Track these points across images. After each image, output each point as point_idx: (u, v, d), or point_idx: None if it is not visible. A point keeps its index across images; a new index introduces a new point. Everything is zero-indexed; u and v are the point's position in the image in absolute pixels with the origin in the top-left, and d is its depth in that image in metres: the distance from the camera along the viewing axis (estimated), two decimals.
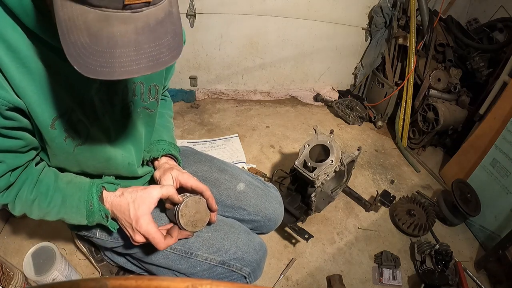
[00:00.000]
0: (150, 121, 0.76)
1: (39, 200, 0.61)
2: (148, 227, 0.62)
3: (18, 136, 0.54)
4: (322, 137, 1.28)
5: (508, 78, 1.63)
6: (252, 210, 0.88)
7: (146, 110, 0.72)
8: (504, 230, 1.41)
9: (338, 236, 1.51)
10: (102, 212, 0.64)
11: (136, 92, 0.67)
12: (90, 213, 0.63)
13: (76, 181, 0.65)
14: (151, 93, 0.70)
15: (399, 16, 2.15)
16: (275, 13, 2.14)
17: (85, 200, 0.63)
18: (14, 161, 0.57)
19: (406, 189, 1.83)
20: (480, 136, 1.68)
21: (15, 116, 0.51)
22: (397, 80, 2.20)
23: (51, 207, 0.62)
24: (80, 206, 0.63)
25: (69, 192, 0.63)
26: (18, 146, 0.55)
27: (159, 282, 0.20)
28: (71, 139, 0.59)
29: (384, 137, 2.25)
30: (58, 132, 0.56)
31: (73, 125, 0.57)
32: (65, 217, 0.65)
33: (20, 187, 0.60)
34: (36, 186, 0.61)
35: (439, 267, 1.31)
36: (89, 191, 0.63)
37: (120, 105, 0.65)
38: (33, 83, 0.50)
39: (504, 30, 2.02)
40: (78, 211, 0.63)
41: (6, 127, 0.51)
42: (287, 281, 1.31)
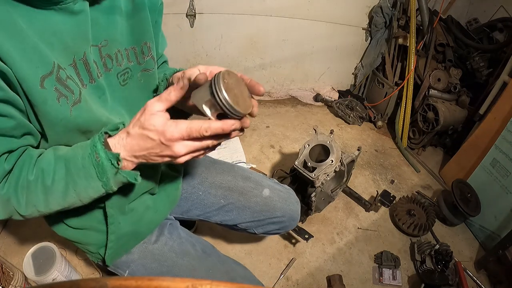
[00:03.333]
0: (151, 82, 0.70)
1: (42, 178, 0.52)
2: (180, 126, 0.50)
3: (6, 113, 0.48)
4: (322, 137, 1.28)
5: (508, 78, 1.63)
6: (280, 213, 0.95)
7: (145, 72, 0.67)
8: (504, 230, 1.41)
9: (338, 236, 1.51)
10: (113, 159, 0.51)
11: (130, 57, 0.64)
12: (99, 168, 0.52)
13: (77, 144, 0.56)
14: (144, 52, 0.66)
15: (399, 16, 2.15)
16: (275, 13, 2.14)
17: (88, 154, 0.52)
18: (5, 144, 0.50)
19: (406, 189, 1.83)
20: (480, 136, 1.68)
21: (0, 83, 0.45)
22: (397, 80, 2.20)
23: (56, 181, 0.52)
24: (86, 164, 0.52)
25: (71, 155, 0.53)
26: (8, 126, 0.49)
27: (159, 282, 0.20)
28: (65, 98, 0.51)
29: (384, 137, 2.25)
30: (49, 92, 0.49)
31: (63, 83, 0.51)
32: (76, 191, 0.54)
33: (20, 174, 0.52)
34: (36, 165, 0.53)
35: (439, 267, 1.31)
36: (92, 143, 0.52)
37: (116, 70, 0.61)
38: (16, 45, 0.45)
39: (504, 30, 2.02)
40: (86, 172, 0.52)
41: None
42: (287, 281, 1.31)
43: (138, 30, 0.63)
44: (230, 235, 1.44)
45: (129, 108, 0.66)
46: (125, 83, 0.64)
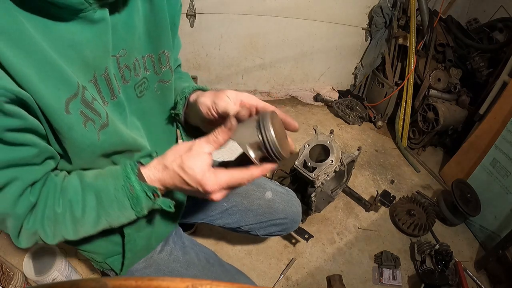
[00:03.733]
0: (168, 95, 0.66)
1: (71, 210, 0.49)
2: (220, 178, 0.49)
3: (28, 142, 0.43)
4: (322, 137, 1.28)
5: (508, 78, 1.63)
6: (282, 215, 0.96)
7: (162, 84, 0.63)
8: (504, 230, 1.41)
9: (338, 236, 1.51)
10: (149, 192, 0.50)
11: (147, 66, 0.59)
12: (134, 200, 0.50)
13: (105, 172, 0.53)
14: (162, 62, 0.61)
15: (399, 16, 2.15)
16: (275, 13, 2.14)
17: (122, 186, 0.50)
18: (30, 175, 0.46)
19: (406, 189, 1.83)
20: (480, 136, 1.67)
21: (19, 112, 0.41)
22: (397, 80, 2.20)
23: (87, 213, 0.50)
24: (119, 196, 0.50)
25: (101, 185, 0.50)
26: (30, 155, 0.45)
27: (159, 282, 0.20)
28: (91, 122, 0.48)
29: (384, 137, 2.25)
30: (74, 117, 0.45)
31: (89, 105, 0.47)
32: (108, 220, 0.52)
33: (45, 205, 0.49)
34: (62, 195, 0.50)
35: (439, 267, 1.31)
36: (124, 173, 0.50)
37: (134, 81, 0.57)
38: (34, 65, 0.40)
39: (504, 30, 2.02)
40: (119, 204, 0.50)
41: (10, 129, 0.40)
42: (287, 281, 1.31)
43: (156, 37, 0.58)
44: (230, 235, 1.44)
45: (145, 122, 0.63)
46: (141, 95, 0.60)
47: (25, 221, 0.48)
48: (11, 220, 0.47)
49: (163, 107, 0.67)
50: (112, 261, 0.73)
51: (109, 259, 0.73)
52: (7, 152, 0.42)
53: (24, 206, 0.46)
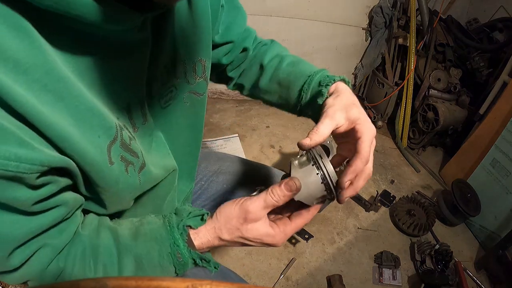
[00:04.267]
0: (199, 110, 0.58)
1: (105, 273, 0.42)
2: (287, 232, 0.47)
3: (58, 203, 0.36)
4: None
5: (508, 78, 1.63)
6: None
7: (193, 95, 0.55)
8: (504, 230, 1.41)
9: (338, 236, 1.51)
10: (198, 259, 0.45)
11: (178, 73, 0.50)
12: (180, 266, 0.45)
13: (145, 230, 0.45)
14: (196, 71, 0.53)
15: (399, 16, 2.15)
16: (275, 13, 2.14)
17: (168, 253, 0.43)
18: (61, 239, 0.39)
19: (406, 189, 1.83)
20: (480, 136, 1.67)
21: (50, 179, 0.33)
22: (397, 80, 2.20)
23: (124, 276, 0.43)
24: (164, 263, 0.44)
25: (143, 250, 0.43)
26: (61, 215, 0.37)
27: (159, 282, 0.19)
28: (132, 166, 0.42)
29: (384, 137, 2.25)
30: (117, 166, 0.39)
31: (128, 147, 0.40)
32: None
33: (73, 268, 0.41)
34: (94, 257, 0.42)
35: (439, 267, 1.31)
36: (171, 239, 0.43)
37: (159, 93, 0.48)
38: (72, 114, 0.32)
39: (504, 30, 2.02)
40: (163, 269, 0.44)
41: (41, 200, 0.33)
42: (287, 281, 1.31)
43: (193, 42, 0.50)
44: None
45: (169, 135, 0.55)
46: (166, 105, 0.50)
47: None
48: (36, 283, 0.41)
49: (190, 121, 0.58)
50: None
51: None
52: (35, 221, 0.35)
53: (53, 273, 0.40)
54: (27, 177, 0.29)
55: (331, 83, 0.53)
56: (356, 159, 0.46)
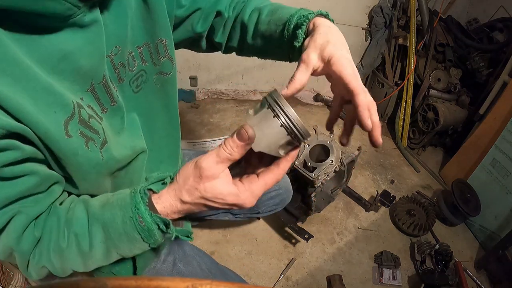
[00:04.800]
0: (169, 89, 0.60)
1: (78, 244, 0.45)
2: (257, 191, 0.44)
3: (27, 171, 0.39)
4: (322, 137, 1.28)
5: (508, 78, 1.63)
6: (276, 186, 1.01)
7: (161, 76, 0.57)
8: (504, 230, 1.41)
9: (338, 236, 1.51)
10: (161, 224, 0.44)
11: (145, 57, 0.53)
12: (145, 233, 0.44)
13: (113, 200, 0.46)
14: (160, 51, 0.55)
15: (399, 16, 2.15)
16: None
17: (130, 218, 0.43)
18: (35, 208, 0.43)
19: (406, 189, 1.83)
20: (480, 136, 1.67)
21: (14, 144, 0.37)
22: (397, 80, 2.20)
23: (95, 247, 0.45)
24: (128, 229, 0.44)
25: (108, 217, 0.45)
26: (32, 184, 0.41)
27: (159, 282, 0.19)
28: (93, 142, 0.44)
29: (384, 137, 2.25)
30: (76, 140, 0.42)
31: (87, 124, 0.43)
32: (120, 252, 0.47)
33: (50, 239, 0.44)
34: (67, 228, 0.45)
35: (439, 267, 1.31)
36: (132, 203, 0.44)
37: (129, 77, 0.52)
38: (26, 91, 0.36)
39: (504, 30, 2.02)
40: (129, 238, 0.45)
41: (8, 164, 0.37)
42: (287, 281, 1.31)
43: (151, 23, 0.52)
44: (230, 235, 1.44)
45: (145, 118, 0.57)
46: (138, 89, 0.54)
47: (31, 256, 0.44)
48: (17, 255, 0.44)
49: (164, 102, 0.61)
50: (119, 269, 0.70)
51: (116, 267, 0.69)
52: (8, 187, 0.39)
53: (29, 241, 0.43)
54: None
55: (306, 23, 0.52)
56: (356, 97, 0.44)
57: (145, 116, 0.57)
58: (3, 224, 0.40)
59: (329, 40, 0.47)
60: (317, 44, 0.46)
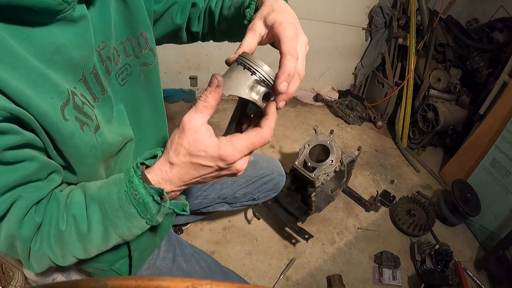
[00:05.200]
0: (153, 78, 0.64)
1: (76, 226, 0.46)
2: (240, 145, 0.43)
3: (26, 157, 0.41)
4: (322, 137, 1.28)
5: (508, 78, 1.63)
6: (268, 171, 1.06)
7: (144, 67, 0.61)
8: (504, 230, 1.41)
9: (338, 236, 1.51)
10: (156, 195, 0.45)
11: (128, 51, 0.57)
12: (141, 206, 0.45)
13: (108, 180, 0.49)
14: (141, 44, 0.59)
15: (399, 16, 2.15)
16: None
17: (125, 192, 0.44)
18: (35, 194, 0.44)
19: (406, 189, 1.83)
20: (480, 136, 1.68)
21: (14, 128, 0.39)
22: (397, 80, 2.20)
23: (93, 227, 0.46)
24: (124, 204, 0.45)
25: (104, 195, 0.46)
26: (32, 170, 0.42)
27: (159, 282, 0.20)
28: (87, 126, 0.46)
29: (384, 137, 2.25)
30: (72, 123, 0.44)
31: (81, 110, 0.46)
32: (118, 232, 0.48)
33: (50, 224, 0.45)
34: (66, 211, 0.46)
35: (439, 267, 1.31)
36: (126, 177, 0.45)
37: (114, 70, 0.55)
38: (23, 78, 0.39)
39: (504, 30, 2.02)
40: (125, 213, 0.46)
41: (9, 147, 0.39)
42: (287, 281, 1.31)
43: (131, 19, 0.56)
44: (230, 235, 1.44)
45: (131, 108, 0.61)
46: (124, 82, 0.58)
47: (32, 243, 0.45)
48: (19, 242, 0.45)
49: (148, 92, 0.64)
50: (119, 266, 0.71)
51: (116, 264, 0.70)
52: (8, 172, 0.40)
53: (30, 227, 0.44)
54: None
55: (254, 3, 0.56)
56: (283, 59, 0.44)
57: (132, 107, 0.61)
58: (5, 210, 0.42)
59: (274, 9, 0.50)
60: (262, 14, 0.49)
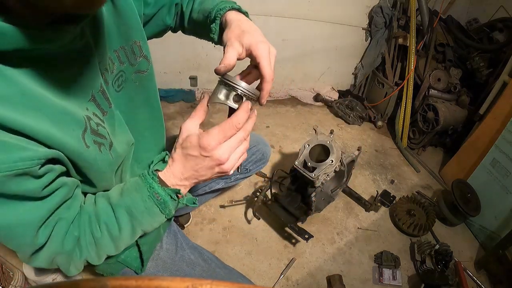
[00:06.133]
0: (147, 84, 0.67)
1: (109, 231, 0.54)
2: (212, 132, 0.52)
3: (59, 186, 0.47)
4: (322, 137, 1.28)
5: (508, 78, 1.63)
6: (254, 143, 1.13)
7: (139, 74, 0.64)
8: (504, 230, 1.41)
9: (338, 236, 1.51)
10: (173, 194, 0.55)
11: (122, 59, 0.60)
12: (162, 205, 0.55)
13: (127, 187, 0.57)
14: (135, 52, 0.62)
15: (399, 16, 2.15)
16: (275, 13, 2.14)
17: (148, 196, 0.54)
18: (70, 213, 0.50)
19: (406, 189, 1.83)
20: (480, 136, 1.68)
21: (50, 168, 0.43)
22: (397, 80, 2.20)
23: (123, 229, 0.55)
24: (149, 206, 0.55)
25: (129, 201, 0.55)
26: (64, 195, 0.48)
27: (159, 282, 0.20)
28: (104, 146, 0.52)
29: (384, 137, 2.25)
30: (92, 149, 0.49)
31: (97, 133, 0.50)
32: (143, 228, 0.57)
33: (85, 234, 0.53)
34: (97, 220, 0.54)
35: (439, 267, 1.31)
36: (146, 184, 0.55)
37: (111, 78, 0.58)
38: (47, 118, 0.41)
39: (504, 30, 2.02)
40: (150, 212, 0.55)
41: (46, 185, 0.44)
42: (287, 281, 1.31)
43: (124, 28, 0.58)
44: (230, 235, 1.44)
45: (127, 113, 0.64)
46: (120, 88, 0.61)
47: (74, 255, 0.52)
48: (62, 257, 0.51)
49: (144, 96, 0.68)
50: (125, 258, 0.74)
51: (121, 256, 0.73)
52: (48, 203, 0.45)
53: (71, 242, 0.51)
54: (33, 170, 0.40)
55: (219, 17, 0.63)
56: (264, 83, 0.58)
57: (128, 111, 0.64)
58: (49, 235, 0.47)
59: (244, 29, 0.58)
60: (235, 34, 0.57)
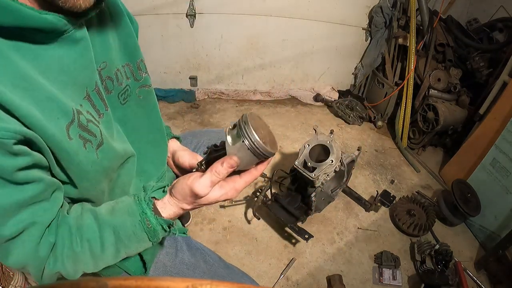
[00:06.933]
0: (150, 98, 0.70)
1: (90, 248, 0.51)
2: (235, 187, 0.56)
3: (36, 178, 0.44)
4: (322, 137, 1.28)
5: (508, 78, 1.63)
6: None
7: (144, 88, 0.67)
8: (504, 230, 1.41)
9: (338, 236, 1.51)
10: (165, 225, 0.55)
11: (127, 74, 0.63)
12: (151, 233, 0.54)
13: (120, 207, 0.55)
14: (141, 69, 0.66)
15: (399, 16, 2.15)
16: (275, 13, 2.14)
17: (139, 221, 0.53)
18: (46, 216, 0.48)
19: (406, 189, 1.83)
20: (480, 136, 1.67)
21: (25, 150, 0.42)
22: (397, 80, 2.20)
23: (106, 249, 0.53)
24: (137, 231, 0.54)
25: (118, 222, 0.53)
26: (40, 191, 0.45)
27: (159, 282, 0.20)
28: (90, 143, 0.50)
29: (384, 137, 2.25)
30: (76, 142, 0.48)
31: (85, 128, 0.50)
32: (127, 252, 0.56)
33: (63, 245, 0.50)
34: (79, 234, 0.51)
35: (439, 267, 1.31)
36: (139, 209, 0.54)
37: (117, 90, 0.60)
38: (33, 100, 0.42)
39: (504, 30, 2.02)
40: (137, 238, 0.54)
41: (20, 168, 0.41)
42: (287, 281, 1.31)
43: (129, 49, 0.63)
44: (230, 235, 1.44)
45: (128, 127, 0.65)
46: (125, 102, 0.63)
47: (46, 263, 0.49)
48: (35, 263, 0.48)
49: (146, 110, 0.70)
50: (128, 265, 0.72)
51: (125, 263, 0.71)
52: (19, 192, 0.43)
53: (46, 248, 0.48)
54: (6, 142, 0.38)
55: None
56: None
57: (131, 124, 0.66)
58: (16, 233, 0.44)
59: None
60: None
